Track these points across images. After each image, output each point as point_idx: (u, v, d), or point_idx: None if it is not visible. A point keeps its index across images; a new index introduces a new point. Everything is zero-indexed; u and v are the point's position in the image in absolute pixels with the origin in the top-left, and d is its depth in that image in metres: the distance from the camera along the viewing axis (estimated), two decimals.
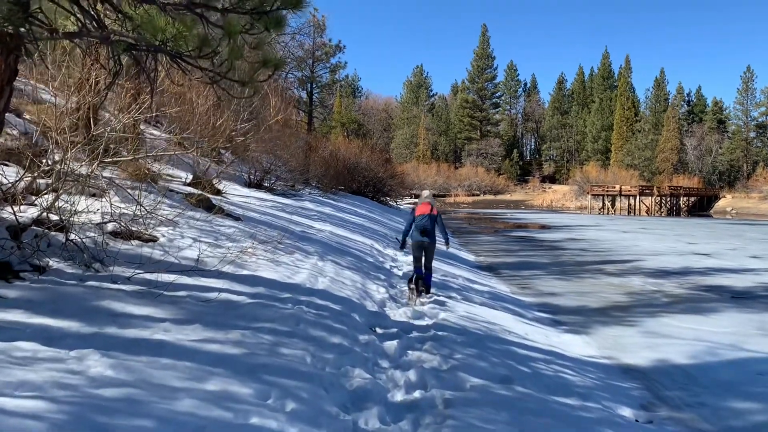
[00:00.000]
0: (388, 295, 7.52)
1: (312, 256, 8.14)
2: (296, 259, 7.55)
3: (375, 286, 7.71)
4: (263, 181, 18.80)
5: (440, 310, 7.36)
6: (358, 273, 8.06)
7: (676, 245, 25.19)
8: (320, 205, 17.98)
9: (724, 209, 74.12)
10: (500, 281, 13.99)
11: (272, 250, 7.31)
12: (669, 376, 7.25)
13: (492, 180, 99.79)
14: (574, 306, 11.50)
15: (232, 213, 8.89)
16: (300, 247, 8.40)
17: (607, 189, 68.49)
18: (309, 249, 8.62)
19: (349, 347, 4.74)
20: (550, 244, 24.53)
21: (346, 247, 10.42)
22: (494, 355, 5.94)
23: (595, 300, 12.23)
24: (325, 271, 7.49)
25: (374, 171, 34.56)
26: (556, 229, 35.45)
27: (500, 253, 20.93)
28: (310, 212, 14.96)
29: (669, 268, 17.44)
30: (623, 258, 19.82)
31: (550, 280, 14.85)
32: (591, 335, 9.13)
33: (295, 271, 6.91)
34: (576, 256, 20.39)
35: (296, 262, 7.40)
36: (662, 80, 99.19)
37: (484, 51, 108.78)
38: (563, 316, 10.47)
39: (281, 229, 8.71)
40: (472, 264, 16.72)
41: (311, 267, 7.41)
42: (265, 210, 11.93)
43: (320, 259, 8.16)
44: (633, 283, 14.57)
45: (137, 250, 5.66)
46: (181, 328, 4.08)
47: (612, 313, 10.98)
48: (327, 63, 30.22)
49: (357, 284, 7.27)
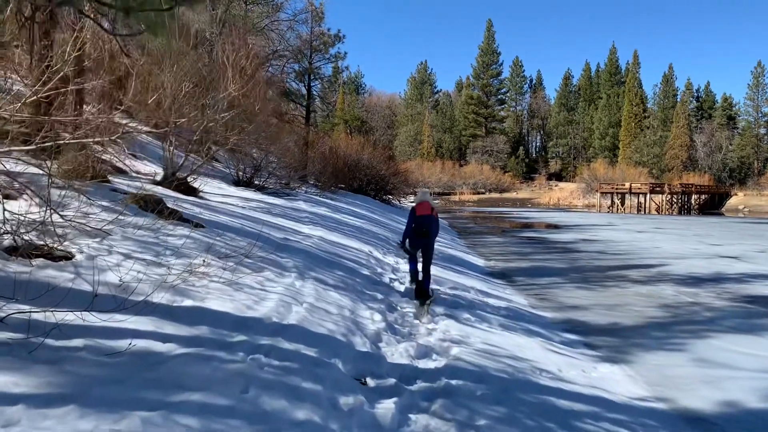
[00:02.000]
0: (385, 324, 5.91)
1: (289, 274, 6.55)
2: (266, 279, 5.97)
3: (369, 312, 6.09)
4: (254, 179, 17.24)
5: (452, 342, 5.77)
6: (348, 294, 6.44)
7: (698, 247, 23.54)
8: (315, 206, 16.38)
9: (736, 207, 72.36)
10: (516, 291, 12.38)
11: (234, 267, 5.75)
12: (747, 428, 5.64)
13: (497, 178, 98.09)
14: (605, 324, 9.89)
15: (194, 218, 7.29)
16: (275, 261, 6.80)
17: (616, 187, 66.68)
18: (287, 263, 7.07)
19: (321, 425, 3.16)
20: (563, 246, 22.88)
21: (336, 258, 8.79)
22: (528, 414, 4.36)
23: (627, 315, 10.61)
24: (302, 295, 5.83)
25: (376, 168, 32.96)
26: (567, 228, 33.80)
27: (512, 256, 19.30)
28: (302, 214, 13.37)
29: (699, 274, 15.80)
30: (646, 262, 18.18)
31: (571, 289, 13.24)
32: (633, 365, 7.53)
33: (260, 297, 5.24)
34: (594, 259, 18.75)
35: (265, 283, 5.81)
36: (671, 76, 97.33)
37: (489, 46, 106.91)
38: (595, 337, 8.86)
39: (256, 237, 7.11)
40: (482, 270, 15.11)
41: (284, 290, 5.75)
42: (246, 213, 10.34)
43: (299, 277, 6.53)
44: (664, 293, 12.95)
45: (37, 274, 4.09)
46: (39, 416, 2.51)
47: (650, 333, 9.38)
48: (326, 54, 28.61)
49: (345, 311, 5.66)
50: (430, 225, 8.84)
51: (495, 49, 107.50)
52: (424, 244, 8.80)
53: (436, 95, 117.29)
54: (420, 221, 8.76)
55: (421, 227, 8.74)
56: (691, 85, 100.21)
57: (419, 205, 8.99)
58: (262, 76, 15.55)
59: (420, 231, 8.73)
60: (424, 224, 8.76)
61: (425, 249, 8.82)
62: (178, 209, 7.24)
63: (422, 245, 8.80)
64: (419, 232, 8.73)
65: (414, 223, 8.79)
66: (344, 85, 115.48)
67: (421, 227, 8.74)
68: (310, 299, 5.56)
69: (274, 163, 17.87)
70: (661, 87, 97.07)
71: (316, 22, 27.87)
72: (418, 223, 8.77)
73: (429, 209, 8.88)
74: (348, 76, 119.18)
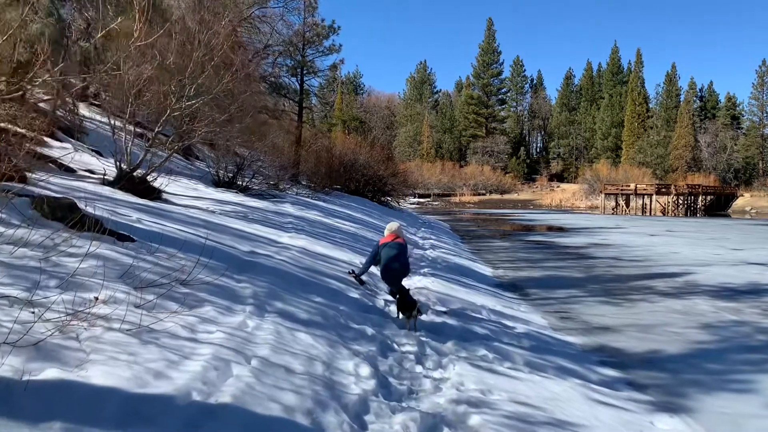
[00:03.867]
0: (375, 382, 4.08)
1: (241, 308, 4.87)
2: (201, 320, 4.18)
3: (353, 361, 4.30)
4: (237, 179, 15.57)
5: (468, 405, 4.09)
6: (326, 333, 4.69)
7: (719, 252, 21.90)
8: (304, 209, 14.71)
9: (743, 209, 70.84)
10: (532, 308, 10.73)
11: (155, 303, 4.07)
12: None
13: (498, 179, 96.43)
14: (644, 352, 8.24)
15: (127, 228, 5.60)
16: (226, 289, 5.15)
17: (621, 188, 65.00)
18: (244, 290, 5.38)
19: None
20: (575, 252, 21.23)
21: (317, 277, 7.06)
22: None
23: (667, 339, 8.96)
24: (254, 344, 4.11)
25: (374, 169, 31.26)
26: (574, 232, 32.16)
27: (521, 263, 17.64)
28: (285, 219, 11.70)
29: (732, 284, 14.17)
30: (668, 270, 16.54)
31: (594, 304, 11.59)
32: (697, 415, 5.89)
33: (182, 354, 3.50)
34: (611, 267, 17.11)
35: (198, 327, 4.03)
36: (674, 75, 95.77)
37: (490, 45, 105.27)
38: (638, 372, 7.22)
39: (210, 252, 5.39)
40: (491, 281, 13.45)
41: (227, 337, 4.01)
42: (210, 219, 8.62)
43: (256, 312, 4.81)
44: (701, 308, 11.32)
45: None
46: None
47: (702, 365, 7.74)
48: (319, 46, 26.89)
49: (316, 365, 3.90)
50: (401, 251, 7.85)
51: (495, 48, 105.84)
52: (398, 272, 7.72)
53: (435, 95, 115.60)
54: (389, 249, 7.74)
55: (393, 255, 7.70)
56: (694, 85, 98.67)
57: (386, 236, 8.06)
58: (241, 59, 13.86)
59: (392, 258, 7.69)
60: (395, 251, 7.75)
61: (400, 275, 7.79)
62: (108, 216, 5.59)
63: (396, 273, 7.69)
64: (392, 258, 7.68)
65: (381, 252, 7.78)
66: (342, 85, 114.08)
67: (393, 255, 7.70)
68: (265, 350, 3.84)
69: (260, 161, 16.21)
70: (664, 86, 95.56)
71: (308, 12, 26.23)
72: (387, 251, 7.73)
73: (396, 237, 8.01)
74: (346, 75, 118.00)
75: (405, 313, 6.89)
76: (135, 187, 8.99)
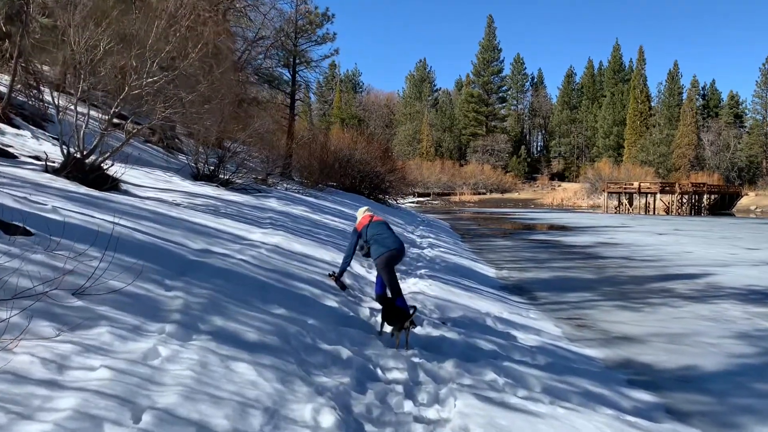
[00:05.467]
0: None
1: (156, 328, 3.62)
2: (83, 349, 2.92)
3: (313, 404, 2.97)
4: (218, 173, 14.34)
5: None
6: (279, 362, 3.28)
7: (735, 251, 20.70)
8: (290, 204, 13.46)
9: (748, 207, 69.62)
10: (542, 314, 9.51)
11: (9, 324, 2.69)
12: None
13: (499, 178, 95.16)
14: (677, 368, 7.03)
15: (32, 218, 4.37)
16: (144, 299, 3.88)
17: (624, 186, 63.73)
18: (171, 301, 4.09)
19: None
20: (582, 251, 19.99)
21: (285, 281, 5.74)
22: None
23: (701, 352, 7.75)
24: (157, 386, 2.89)
25: (371, 165, 29.97)
26: (579, 230, 30.92)
27: (526, 263, 16.41)
28: (265, 214, 10.45)
29: (758, 286, 12.98)
30: (685, 271, 15.32)
31: (611, 309, 10.38)
32: None
33: (18, 413, 2.25)
34: (623, 268, 15.88)
35: (69, 362, 2.79)
36: (676, 73, 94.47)
37: (490, 43, 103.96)
38: (675, 394, 6.01)
39: (138, 250, 4.14)
40: (495, 284, 12.22)
41: (113, 376, 2.79)
42: (167, 212, 7.28)
43: (178, 333, 3.58)
44: (732, 314, 10.12)
45: None
46: None
47: (749, 384, 6.54)
48: (313, 35, 25.62)
49: (252, 416, 2.56)
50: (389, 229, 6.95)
51: (496, 46, 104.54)
52: (396, 252, 6.71)
53: (435, 93, 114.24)
54: (375, 229, 6.77)
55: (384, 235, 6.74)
56: (697, 83, 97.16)
57: (361, 219, 7.02)
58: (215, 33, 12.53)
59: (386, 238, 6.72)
60: (384, 230, 6.81)
61: (398, 258, 6.80)
62: (11, 203, 4.38)
63: (394, 254, 6.67)
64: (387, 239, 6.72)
65: (368, 236, 6.72)
66: (341, 84, 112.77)
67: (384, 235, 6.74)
68: (171, 397, 2.56)
69: (242, 153, 14.96)
70: (666, 85, 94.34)
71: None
72: (375, 232, 6.74)
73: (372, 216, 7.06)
74: (345, 74, 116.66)
75: (395, 326, 5.60)
76: (85, 175, 7.78)
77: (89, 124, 8.95)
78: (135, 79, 8.01)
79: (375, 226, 6.78)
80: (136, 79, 8.02)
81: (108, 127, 8.36)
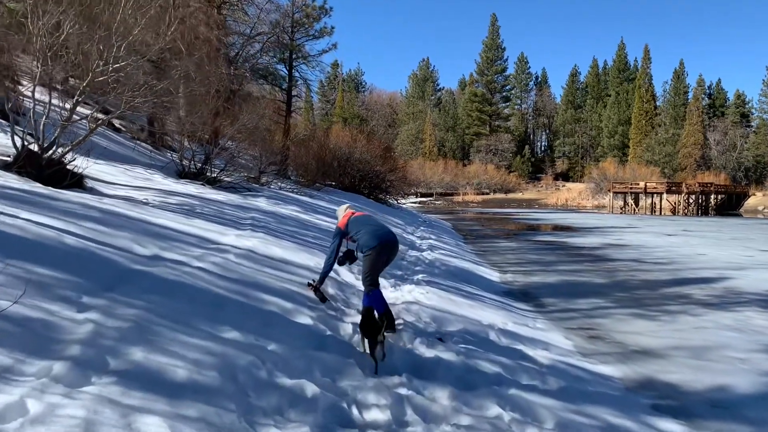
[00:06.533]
0: None
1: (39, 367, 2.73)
2: None
3: None
4: (205, 170, 13.54)
5: None
6: (212, 411, 2.48)
7: (749, 254, 19.82)
8: (280, 204, 12.63)
9: (755, 208, 68.62)
10: (551, 325, 8.66)
11: None
12: None
13: (502, 178, 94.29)
14: (705, 388, 6.19)
15: None
16: (34, 325, 2.96)
17: (630, 186, 62.75)
18: (77, 327, 3.17)
19: None
20: (589, 253, 19.13)
21: (250, 294, 4.89)
22: None
23: (729, 367, 6.92)
24: None
25: (371, 164, 29.13)
26: (585, 231, 30.04)
27: (531, 266, 15.56)
28: (248, 214, 9.62)
29: None
30: (700, 274, 14.46)
31: (625, 317, 9.53)
32: None
33: None
34: (634, 271, 15.03)
35: None
36: (681, 72, 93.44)
37: (494, 42, 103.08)
38: (709, 423, 5.24)
39: (60, 259, 3.36)
40: (498, 288, 11.39)
41: None
42: (121, 211, 6.39)
43: (72, 374, 2.71)
44: (757, 323, 9.29)
45: None
46: None
47: None
48: (310, 28, 24.81)
49: None
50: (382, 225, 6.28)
51: (499, 45, 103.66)
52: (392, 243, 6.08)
53: (438, 93, 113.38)
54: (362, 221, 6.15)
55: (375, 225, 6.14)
56: (703, 82, 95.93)
57: (344, 216, 6.31)
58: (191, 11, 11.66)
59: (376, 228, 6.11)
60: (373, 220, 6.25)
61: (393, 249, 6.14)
62: None
63: (389, 245, 6.02)
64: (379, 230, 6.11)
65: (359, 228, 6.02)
66: (343, 83, 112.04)
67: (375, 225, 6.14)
68: None
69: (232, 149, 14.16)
70: (671, 84, 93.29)
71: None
72: (364, 222, 6.13)
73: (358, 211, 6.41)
74: (348, 73, 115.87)
75: (369, 339, 4.71)
76: (40, 171, 7.00)
77: (60, 115, 8.17)
78: (101, 64, 7.22)
79: (359, 219, 6.07)
80: (102, 65, 7.22)
81: (70, 117, 7.55)
